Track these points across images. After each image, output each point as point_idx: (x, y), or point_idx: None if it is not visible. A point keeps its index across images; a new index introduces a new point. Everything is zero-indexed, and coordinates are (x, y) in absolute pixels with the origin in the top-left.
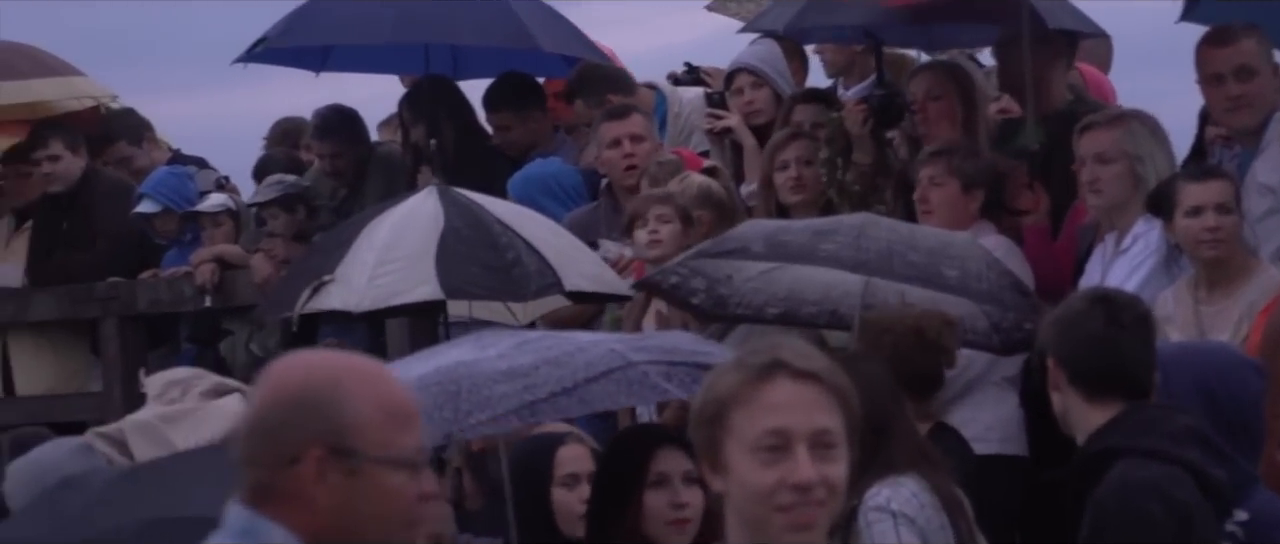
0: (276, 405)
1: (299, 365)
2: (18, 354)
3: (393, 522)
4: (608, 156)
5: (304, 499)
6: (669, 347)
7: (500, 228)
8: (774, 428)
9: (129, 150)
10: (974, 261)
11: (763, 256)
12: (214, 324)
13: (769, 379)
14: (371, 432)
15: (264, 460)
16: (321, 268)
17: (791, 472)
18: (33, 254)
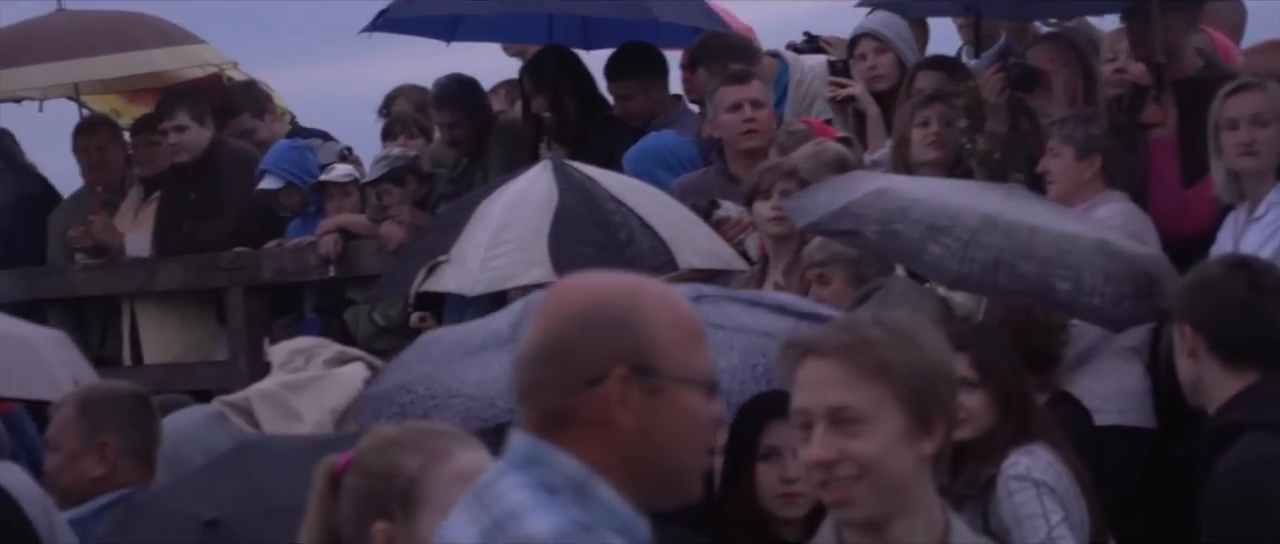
0: (572, 325)
1: (589, 286)
2: (145, 323)
3: (693, 443)
4: (726, 120)
5: (604, 422)
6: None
7: (614, 205)
8: (798, 408)
9: (251, 122)
10: (1090, 272)
11: (871, 247)
12: (339, 294)
13: (802, 362)
14: (671, 349)
15: (559, 383)
16: (436, 247)
17: (808, 451)
18: (160, 224)
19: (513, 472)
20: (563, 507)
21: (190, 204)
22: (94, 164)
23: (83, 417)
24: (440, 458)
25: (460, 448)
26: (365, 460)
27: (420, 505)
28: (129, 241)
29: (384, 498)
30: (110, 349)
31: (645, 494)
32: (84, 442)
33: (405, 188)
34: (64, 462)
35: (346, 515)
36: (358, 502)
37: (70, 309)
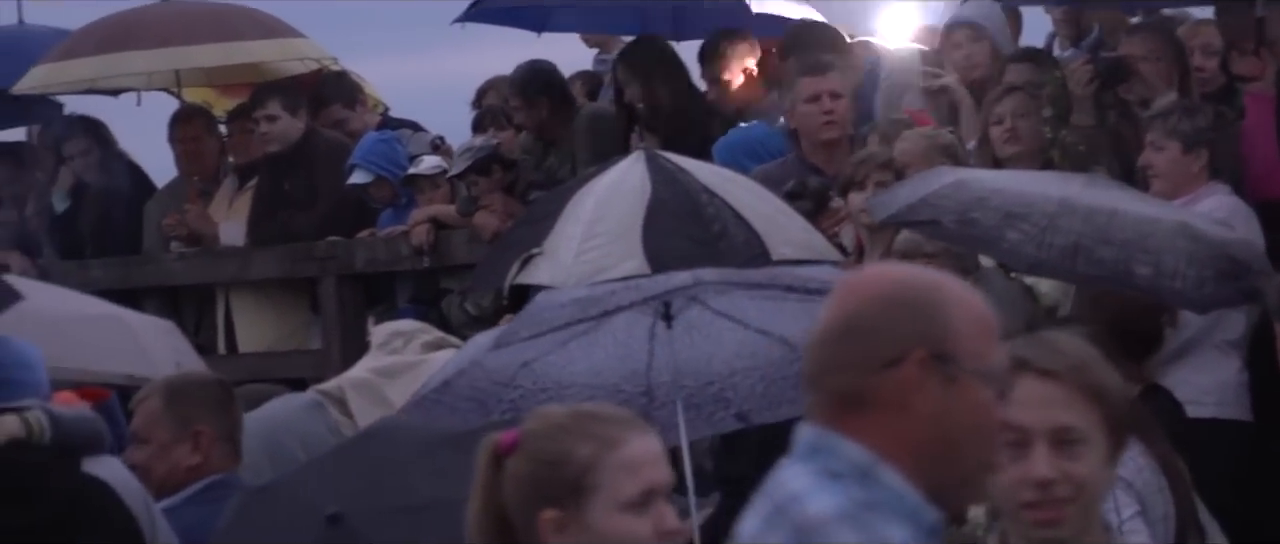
0: (873, 306)
1: (893, 270)
2: (240, 312)
3: (984, 439)
4: (804, 111)
5: (899, 407)
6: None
7: (707, 197)
8: (1012, 424)
9: (343, 113)
10: (1172, 256)
11: (950, 237)
12: (434, 284)
13: (1018, 378)
14: (968, 340)
15: (855, 364)
16: (529, 240)
17: (1030, 469)
18: (254, 214)
19: (797, 462)
20: (845, 488)
21: (284, 194)
22: (189, 154)
23: (170, 407)
24: (612, 446)
25: (632, 434)
26: (534, 445)
27: (591, 494)
28: (223, 231)
29: (553, 485)
30: (205, 338)
31: (932, 488)
32: (176, 432)
33: (492, 177)
34: (157, 453)
35: (512, 500)
36: (524, 487)
37: (166, 298)
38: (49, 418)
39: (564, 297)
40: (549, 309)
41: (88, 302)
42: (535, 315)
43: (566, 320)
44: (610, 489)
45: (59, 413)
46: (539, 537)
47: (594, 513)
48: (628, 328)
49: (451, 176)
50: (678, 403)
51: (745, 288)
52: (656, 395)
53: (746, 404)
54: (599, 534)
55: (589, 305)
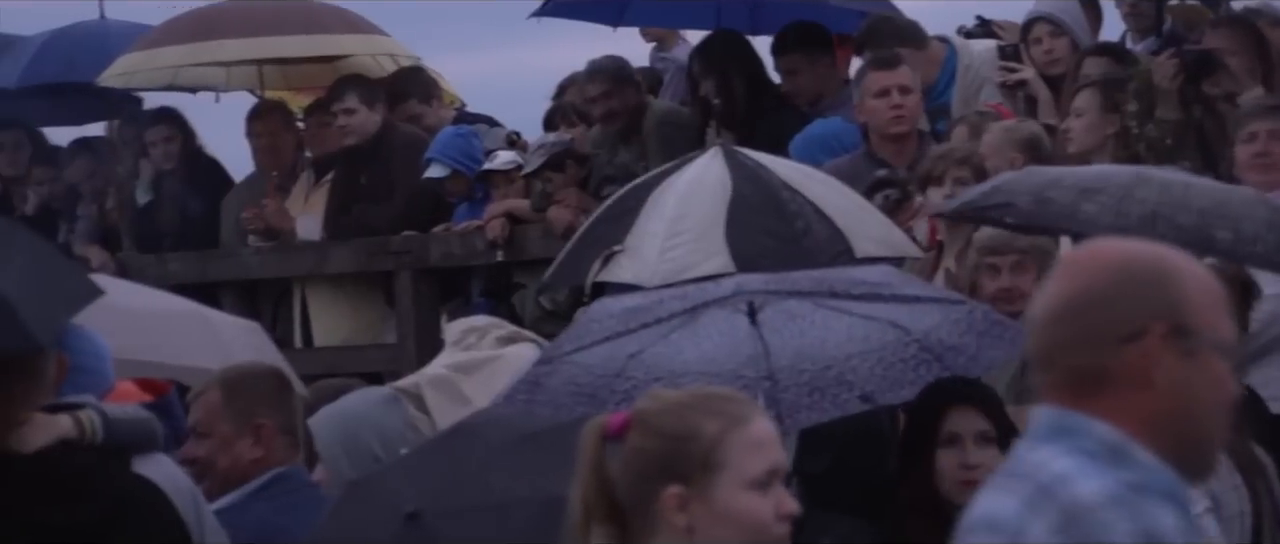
0: (1106, 279)
1: (1115, 245)
2: (316, 306)
3: (1220, 412)
4: (872, 106)
5: (1140, 382)
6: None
7: (788, 193)
8: None
9: (419, 107)
10: (1250, 222)
11: (1025, 217)
12: (507, 278)
13: None
14: (1203, 313)
15: (1094, 338)
16: (610, 237)
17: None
18: (331, 207)
19: (1044, 444)
20: (1112, 470)
21: (361, 187)
22: (266, 148)
23: (230, 400)
24: (739, 423)
25: (755, 413)
26: (656, 421)
27: (718, 471)
28: (300, 224)
29: (680, 460)
30: (281, 332)
31: (1174, 464)
32: (237, 425)
33: (566, 172)
34: (219, 446)
35: (626, 478)
36: (645, 463)
37: (243, 292)
38: (102, 418)
39: (615, 306)
40: (596, 320)
41: (170, 298)
42: (582, 328)
43: (610, 333)
44: (737, 466)
45: (112, 413)
46: (658, 514)
47: (720, 490)
48: (727, 319)
49: (526, 174)
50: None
51: (790, 297)
52: (780, 379)
53: (868, 385)
54: (723, 511)
55: (634, 316)
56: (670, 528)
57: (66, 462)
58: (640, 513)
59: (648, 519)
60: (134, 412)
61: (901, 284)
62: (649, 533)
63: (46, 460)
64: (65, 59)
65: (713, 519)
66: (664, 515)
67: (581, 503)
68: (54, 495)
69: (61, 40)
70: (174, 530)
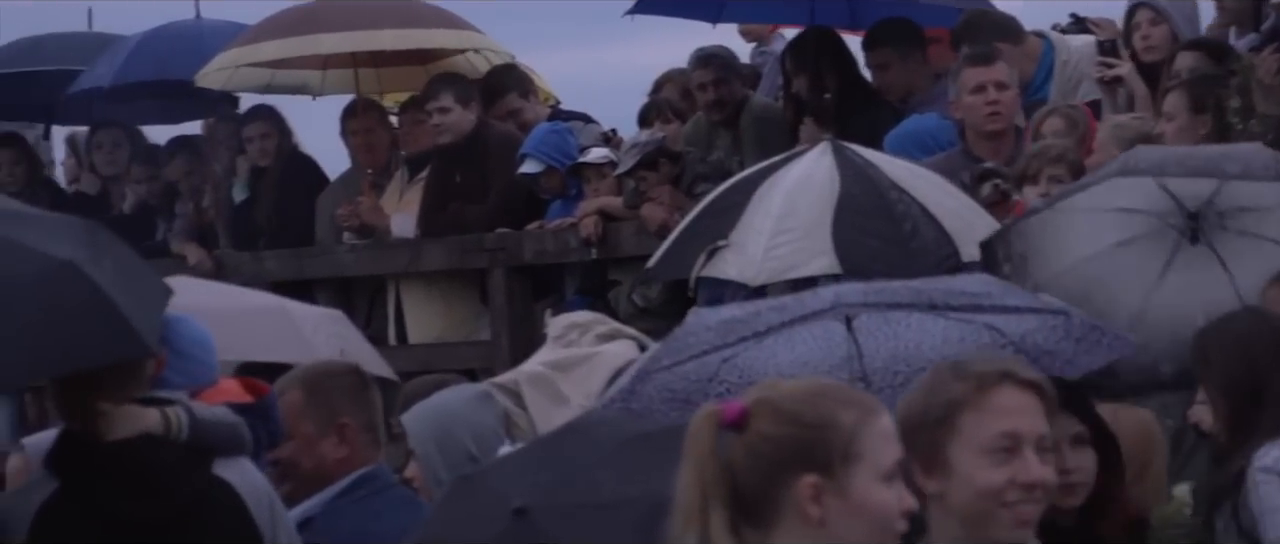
0: None
1: None
2: (410, 303)
3: None
4: (969, 102)
5: None
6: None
7: (896, 193)
8: (1007, 430)
9: (518, 102)
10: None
11: None
12: (601, 275)
13: (997, 386)
14: None
15: None
16: (715, 231)
17: (1022, 471)
18: (425, 205)
19: None
20: None
21: (455, 185)
22: (362, 146)
23: (313, 401)
24: (872, 414)
25: (882, 406)
26: (787, 408)
27: (856, 462)
28: (395, 222)
29: (816, 449)
30: (376, 329)
31: None
32: (321, 425)
33: (659, 170)
34: (303, 447)
35: (752, 465)
36: (777, 450)
37: (338, 289)
38: (189, 417)
39: (712, 318)
40: (693, 333)
41: (250, 295)
42: (679, 341)
43: (708, 346)
44: (872, 458)
45: (200, 413)
46: (787, 503)
47: (856, 481)
48: (822, 324)
49: (619, 174)
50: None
51: (889, 309)
52: (873, 381)
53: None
54: (857, 503)
55: (731, 329)
56: (800, 518)
57: (148, 456)
58: (763, 501)
59: (772, 507)
60: (222, 414)
61: (1001, 294)
62: (771, 522)
63: (126, 452)
64: (161, 58)
65: (846, 511)
66: (795, 505)
67: (697, 491)
68: (130, 488)
69: (157, 39)
70: (244, 533)
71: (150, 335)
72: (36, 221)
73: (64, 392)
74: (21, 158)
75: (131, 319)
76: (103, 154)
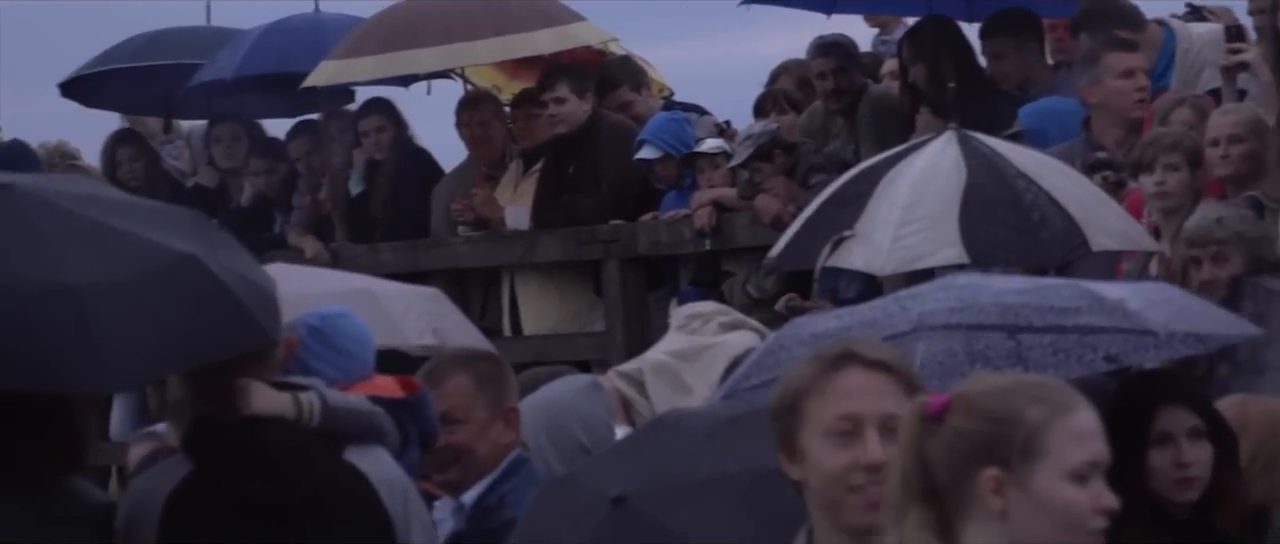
0: None
1: None
2: (524, 294)
3: None
4: (1115, 87)
5: None
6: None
7: (1024, 183)
8: (846, 413)
9: (630, 95)
10: None
11: None
12: (715, 267)
13: (841, 369)
14: None
15: None
16: (840, 221)
17: (863, 454)
18: (539, 197)
19: None
20: None
21: (569, 177)
22: (476, 139)
23: (483, 386)
24: (1063, 411)
25: (1080, 404)
26: (979, 403)
27: (1038, 458)
28: (509, 214)
29: (1000, 443)
30: (491, 320)
31: None
32: (491, 410)
33: (774, 162)
34: (477, 433)
35: (944, 458)
36: (965, 444)
37: (453, 280)
38: (320, 403)
39: (804, 332)
40: (785, 349)
41: (336, 278)
42: (770, 356)
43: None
44: (1058, 455)
45: (334, 400)
46: (974, 496)
47: (1038, 477)
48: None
49: (733, 166)
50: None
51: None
52: (1023, 339)
53: (1112, 348)
54: (1039, 499)
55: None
56: (985, 511)
57: (276, 439)
58: (956, 494)
59: (963, 501)
60: (357, 402)
61: (1090, 309)
62: (964, 515)
63: (255, 435)
64: (280, 51)
65: (1028, 506)
66: (980, 498)
67: (899, 483)
68: (258, 470)
69: (276, 32)
70: (375, 521)
71: (272, 325)
72: (152, 214)
73: (195, 375)
74: (140, 154)
75: (253, 310)
76: (221, 147)
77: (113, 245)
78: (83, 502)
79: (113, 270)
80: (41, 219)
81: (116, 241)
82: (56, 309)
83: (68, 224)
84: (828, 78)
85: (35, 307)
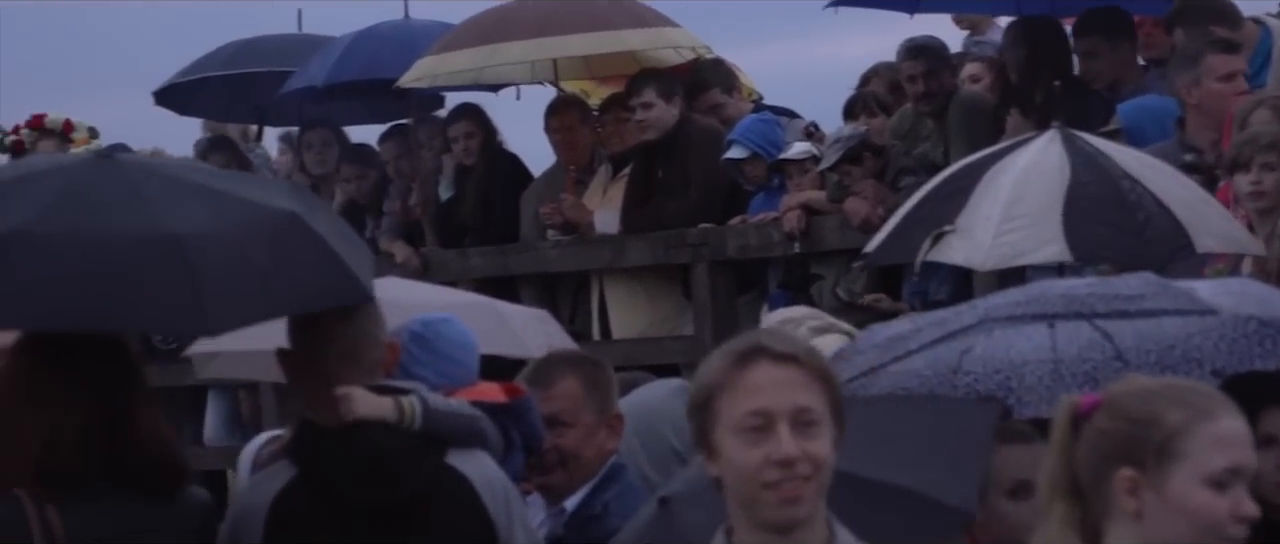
0: None
1: None
2: (614, 299)
3: None
4: (1216, 89)
5: None
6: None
7: (1129, 183)
8: (756, 408)
9: (722, 98)
10: None
11: None
12: (804, 270)
13: (750, 364)
14: None
15: None
16: (939, 216)
17: (775, 449)
18: (628, 201)
19: None
20: None
21: (658, 181)
22: (564, 144)
23: (591, 391)
24: (1204, 417)
25: (1225, 410)
26: (1122, 404)
27: (1175, 461)
28: (598, 218)
29: (1136, 445)
30: (580, 325)
31: None
32: (598, 415)
33: (862, 165)
34: (583, 438)
35: (1086, 457)
36: (1105, 444)
37: (542, 285)
38: (422, 406)
39: (879, 335)
40: (861, 352)
41: (459, 293)
42: (843, 361)
43: (872, 365)
44: (1196, 460)
45: (435, 404)
46: (1111, 496)
47: (1174, 480)
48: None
49: (823, 169)
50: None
51: (1038, 320)
52: (1129, 359)
53: (1217, 361)
54: (1174, 502)
55: (892, 346)
56: (1122, 511)
57: (378, 442)
58: (1097, 494)
59: (1103, 500)
60: (459, 406)
61: (1156, 295)
62: (1105, 514)
63: (357, 438)
64: (370, 58)
65: (1163, 509)
66: (1116, 498)
67: (1047, 481)
68: (360, 473)
69: (368, 39)
70: (477, 525)
71: (369, 284)
72: (253, 180)
73: (299, 378)
74: (232, 160)
75: (352, 267)
76: (312, 154)
77: (215, 202)
78: (187, 505)
79: (215, 222)
80: (144, 182)
81: (218, 199)
82: (159, 256)
83: (171, 185)
84: (918, 80)
85: (138, 254)
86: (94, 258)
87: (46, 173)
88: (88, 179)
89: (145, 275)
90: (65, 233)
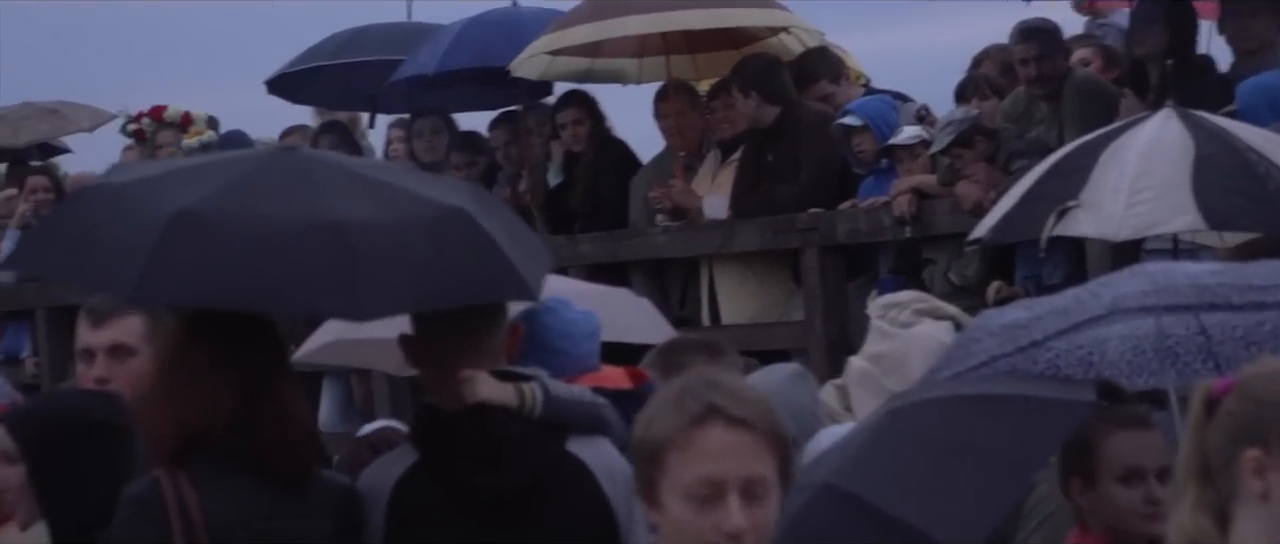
0: None
1: None
2: (723, 284)
3: None
4: None
5: None
6: None
7: (1255, 156)
8: (707, 476)
9: (830, 87)
10: None
11: None
12: (915, 254)
13: (704, 425)
14: None
15: None
16: (1061, 192)
17: (724, 520)
18: (738, 186)
19: None
20: None
21: (767, 166)
22: (674, 129)
23: (665, 377)
24: None
25: None
26: (1251, 385)
27: None
28: (707, 204)
29: (1263, 425)
30: (689, 310)
31: None
32: None
33: (974, 148)
34: None
35: (1217, 440)
36: (1233, 426)
37: (651, 271)
38: (543, 393)
39: (994, 323)
40: (976, 340)
41: (594, 286)
42: (962, 350)
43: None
44: None
45: (557, 390)
46: (1237, 476)
47: None
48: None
49: (934, 152)
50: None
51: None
52: (1213, 334)
53: None
54: None
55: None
56: (1249, 492)
57: (499, 428)
58: (1227, 476)
59: (1232, 482)
60: (581, 393)
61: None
62: (1233, 497)
63: (478, 423)
64: (480, 45)
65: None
66: (1244, 479)
67: (1182, 464)
68: (480, 459)
69: (476, 27)
70: (597, 512)
71: (536, 283)
72: (432, 178)
73: (422, 363)
74: (340, 143)
75: (518, 265)
76: (423, 142)
77: (384, 194)
78: (324, 489)
79: (380, 212)
80: (318, 171)
81: (388, 192)
82: (320, 240)
83: (344, 176)
84: (1031, 63)
85: (299, 238)
86: (252, 238)
87: (226, 160)
88: (262, 166)
89: (304, 257)
90: (228, 213)
